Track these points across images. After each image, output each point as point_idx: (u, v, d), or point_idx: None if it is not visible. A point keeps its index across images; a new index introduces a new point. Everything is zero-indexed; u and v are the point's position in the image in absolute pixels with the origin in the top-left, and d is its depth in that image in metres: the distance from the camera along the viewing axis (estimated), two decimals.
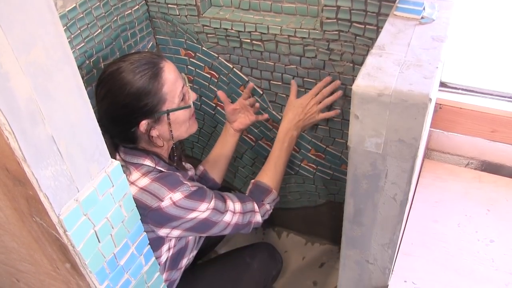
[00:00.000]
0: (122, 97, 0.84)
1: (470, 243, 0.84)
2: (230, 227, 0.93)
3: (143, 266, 0.72)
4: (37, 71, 0.46)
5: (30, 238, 0.61)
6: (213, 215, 0.89)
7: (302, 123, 1.05)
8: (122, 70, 0.84)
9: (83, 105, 0.53)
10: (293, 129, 1.04)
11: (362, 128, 0.59)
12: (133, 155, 0.89)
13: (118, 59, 0.88)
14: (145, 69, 0.85)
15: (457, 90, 0.95)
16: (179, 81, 0.89)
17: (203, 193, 0.88)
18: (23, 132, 0.46)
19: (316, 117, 1.06)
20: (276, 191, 1.04)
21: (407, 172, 0.60)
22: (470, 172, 0.99)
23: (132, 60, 0.86)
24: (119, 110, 0.85)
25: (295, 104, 1.06)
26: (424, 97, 0.52)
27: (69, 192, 0.54)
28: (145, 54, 0.88)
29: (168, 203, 0.83)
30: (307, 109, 1.04)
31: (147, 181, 0.85)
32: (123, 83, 0.84)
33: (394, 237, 0.70)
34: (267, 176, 1.04)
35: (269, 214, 1.03)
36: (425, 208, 0.91)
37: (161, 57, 0.90)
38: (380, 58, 0.61)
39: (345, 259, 0.81)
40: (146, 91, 0.84)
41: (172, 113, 0.88)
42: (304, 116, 1.04)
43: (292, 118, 1.04)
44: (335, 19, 0.96)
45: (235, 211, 0.93)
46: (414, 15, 0.70)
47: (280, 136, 1.05)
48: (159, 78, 0.85)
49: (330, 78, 1.05)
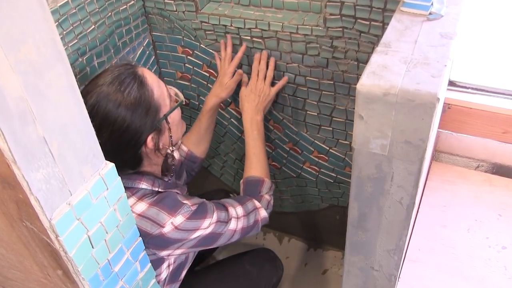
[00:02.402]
0: (119, 123, 0.80)
1: (481, 249, 0.84)
2: (237, 234, 0.93)
3: (138, 272, 0.72)
4: (27, 69, 0.46)
5: (20, 244, 0.61)
6: (218, 228, 0.89)
7: (261, 105, 1.09)
8: (106, 95, 0.80)
9: (76, 105, 0.53)
10: (254, 114, 1.08)
11: (367, 129, 0.59)
12: (127, 179, 0.85)
13: (90, 85, 0.83)
14: (128, 83, 0.81)
15: (466, 89, 0.95)
16: (160, 81, 0.88)
17: (204, 210, 0.88)
18: (13, 133, 0.46)
19: (270, 93, 1.10)
20: (267, 178, 1.05)
21: (414, 175, 0.60)
22: (480, 175, 0.99)
23: (110, 80, 0.81)
24: (120, 138, 0.82)
25: (246, 92, 1.10)
26: (432, 97, 0.52)
27: (61, 196, 0.54)
28: (116, 68, 0.84)
29: (169, 228, 0.83)
30: (258, 91, 1.09)
31: (144, 206, 0.83)
32: (113, 108, 0.80)
33: (400, 243, 0.70)
34: (252, 169, 1.05)
35: (272, 205, 1.04)
36: (433, 212, 0.91)
37: (132, 64, 0.87)
38: (385, 56, 0.61)
39: (349, 265, 0.80)
40: (140, 105, 0.81)
41: (169, 116, 0.88)
42: (259, 98, 1.08)
43: (249, 106, 1.08)
44: (339, 15, 0.96)
45: (239, 216, 0.94)
46: (421, 10, 0.70)
47: (247, 126, 1.08)
48: (146, 86, 0.83)
49: (259, 54, 1.10)
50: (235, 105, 1.29)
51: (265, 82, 1.09)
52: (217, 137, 1.41)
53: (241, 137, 1.37)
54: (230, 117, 1.33)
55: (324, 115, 1.17)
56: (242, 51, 1.12)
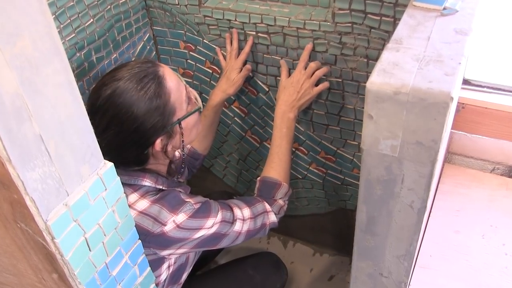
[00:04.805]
0: (130, 122, 0.81)
1: (497, 256, 0.83)
2: (242, 236, 0.93)
3: (137, 277, 0.72)
4: (23, 64, 0.46)
5: (14, 246, 0.62)
6: (222, 228, 0.89)
7: (297, 102, 1.05)
8: (122, 91, 0.80)
9: (74, 101, 0.53)
10: (288, 111, 1.04)
11: (377, 129, 0.59)
12: (129, 175, 0.86)
13: (108, 77, 0.84)
14: (146, 82, 0.82)
15: (482, 88, 0.94)
16: (180, 84, 0.88)
17: (208, 208, 0.88)
18: (8, 131, 0.46)
19: (311, 92, 1.06)
20: (286, 183, 1.04)
21: (425, 177, 0.60)
22: (496, 178, 0.99)
23: (128, 76, 0.81)
24: (128, 136, 0.82)
25: (286, 84, 1.06)
26: (445, 96, 0.52)
27: (57, 196, 0.54)
28: (137, 65, 0.84)
29: (171, 227, 0.83)
30: (299, 86, 1.05)
31: (147, 203, 0.84)
32: (127, 106, 0.80)
33: (411, 249, 0.70)
34: (272, 169, 1.03)
35: (285, 210, 1.03)
36: (446, 217, 0.91)
37: (155, 63, 0.87)
38: (397, 53, 0.61)
39: (357, 271, 0.80)
40: (155, 107, 0.82)
41: (183, 120, 0.88)
42: (298, 94, 1.04)
43: (285, 100, 1.04)
44: (348, 10, 0.96)
45: (245, 218, 0.94)
46: (435, 5, 0.69)
47: (277, 121, 1.04)
48: (164, 88, 0.83)
49: (311, 45, 1.05)
50: (239, 103, 1.29)
51: (310, 80, 1.05)
52: (220, 137, 1.42)
53: (245, 136, 1.37)
54: (233, 116, 1.34)
55: (332, 114, 1.17)
56: (249, 45, 1.11)
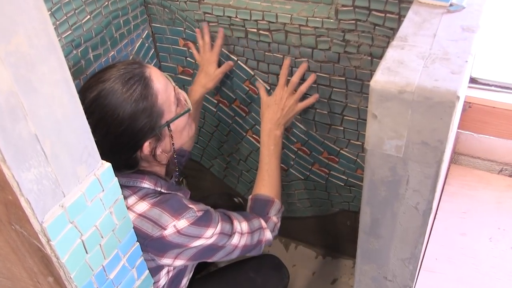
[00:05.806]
0: (116, 124, 0.81)
1: (505, 260, 0.83)
2: (238, 250, 0.94)
3: (135, 280, 0.72)
4: (18, 62, 0.46)
5: (8, 249, 0.61)
6: (220, 240, 0.89)
7: (283, 119, 1.07)
8: (107, 93, 0.81)
9: (70, 100, 0.53)
10: (274, 129, 1.06)
11: (381, 129, 0.59)
12: (128, 177, 0.86)
13: (94, 79, 0.84)
14: (132, 84, 0.81)
15: (489, 87, 0.94)
16: (169, 85, 0.88)
17: (209, 218, 0.88)
18: (2, 130, 0.46)
19: (295, 108, 1.08)
20: (278, 199, 1.05)
21: (431, 178, 0.60)
22: (504, 179, 0.98)
23: (113, 78, 0.81)
24: (115, 139, 0.83)
25: (269, 102, 1.08)
26: (452, 95, 0.52)
27: (53, 197, 0.54)
28: (123, 66, 0.84)
29: (171, 231, 0.83)
30: (283, 104, 1.06)
31: (146, 206, 0.83)
32: (112, 108, 0.80)
33: (416, 251, 0.70)
34: (264, 187, 1.05)
35: (278, 229, 1.04)
36: (452, 219, 0.91)
37: (142, 64, 0.87)
38: (402, 51, 0.60)
39: (361, 275, 0.80)
40: (141, 109, 0.82)
41: (172, 123, 0.88)
42: (282, 112, 1.06)
43: (270, 118, 1.06)
44: (351, 7, 0.96)
45: (243, 232, 0.94)
46: (441, 2, 0.69)
47: (264, 139, 1.07)
48: (150, 90, 0.83)
49: (289, 60, 1.07)
50: (240, 102, 1.29)
51: (294, 97, 1.07)
52: (220, 137, 1.42)
53: (246, 136, 1.37)
54: (234, 115, 1.33)
55: (335, 114, 1.16)
56: (220, 37, 1.13)
